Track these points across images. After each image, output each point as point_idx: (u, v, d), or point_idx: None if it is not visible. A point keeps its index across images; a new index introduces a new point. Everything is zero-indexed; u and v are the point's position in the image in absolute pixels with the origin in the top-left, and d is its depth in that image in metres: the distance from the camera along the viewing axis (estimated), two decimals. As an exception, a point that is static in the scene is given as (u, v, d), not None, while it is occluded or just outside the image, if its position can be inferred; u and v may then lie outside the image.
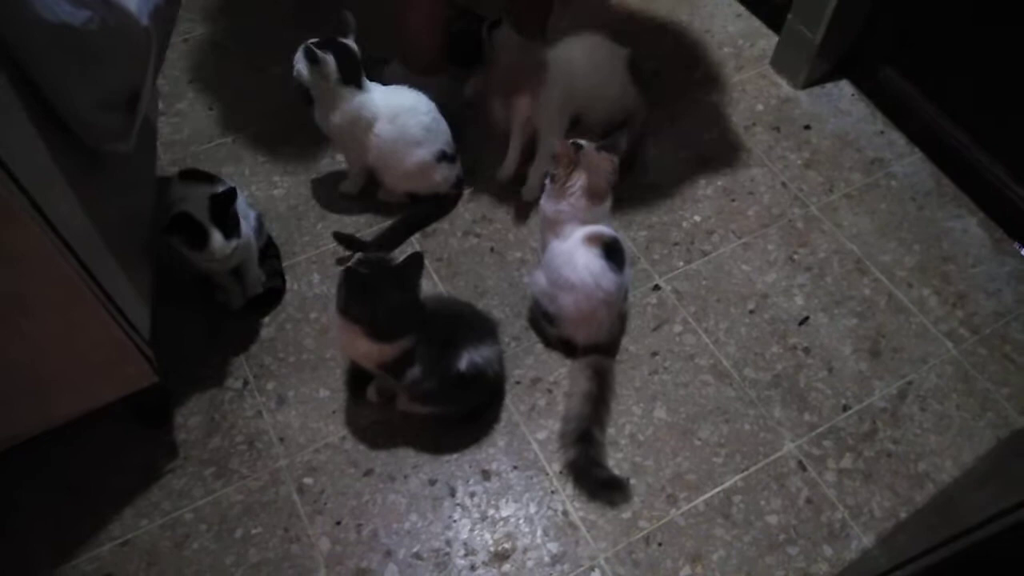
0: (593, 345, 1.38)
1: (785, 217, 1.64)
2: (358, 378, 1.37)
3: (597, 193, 1.33)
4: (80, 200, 1.05)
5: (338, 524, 1.23)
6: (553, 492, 1.27)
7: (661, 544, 1.23)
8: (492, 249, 1.56)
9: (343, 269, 1.18)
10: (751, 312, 1.50)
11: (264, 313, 1.46)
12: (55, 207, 0.95)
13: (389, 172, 1.54)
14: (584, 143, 1.35)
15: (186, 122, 1.74)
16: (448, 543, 1.22)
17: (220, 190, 1.27)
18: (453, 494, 1.27)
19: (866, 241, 1.60)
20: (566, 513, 1.25)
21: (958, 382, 1.42)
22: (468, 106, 1.70)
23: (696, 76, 1.89)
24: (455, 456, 1.31)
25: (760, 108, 1.83)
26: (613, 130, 1.40)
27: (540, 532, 1.23)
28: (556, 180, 1.33)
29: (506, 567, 1.20)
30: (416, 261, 1.19)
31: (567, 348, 1.41)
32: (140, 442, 1.30)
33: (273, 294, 1.47)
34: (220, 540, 1.21)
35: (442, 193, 1.59)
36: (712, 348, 1.44)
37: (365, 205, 1.61)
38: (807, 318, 1.49)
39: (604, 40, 1.58)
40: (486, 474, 1.29)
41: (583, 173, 1.32)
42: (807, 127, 1.79)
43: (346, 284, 1.18)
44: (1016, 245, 1.60)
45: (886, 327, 1.48)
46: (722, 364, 1.42)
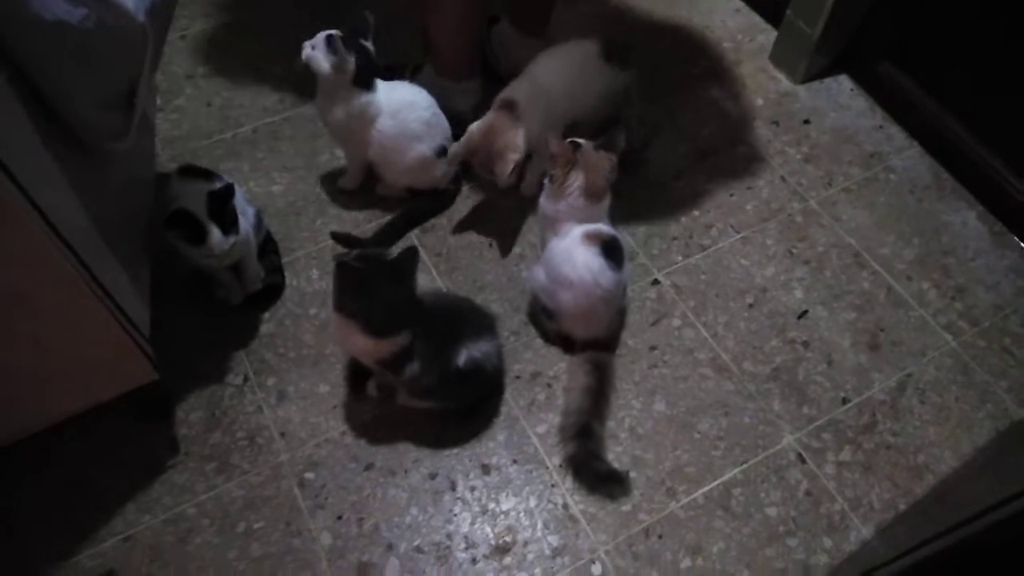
0: (592, 340, 1.38)
1: (784, 211, 1.64)
2: (358, 373, 1.37)
3: (596, 192, 1.33)
4: (78, 197, 1.05)
5: (339, 518, 1.24)
6: (553, 485, 1.28)
7: (661, 536, 1.23)
8: (491, 244, 1.56)
9: (336, 263, 1.17)
10: (750, 306, 1.50)
11: (264, 309, 1.46)
12: (53, 204, 0.95)
13: (389, 167, 1.54)
14: (582, 142, 1.34)
15: (185, 118, 1.74)
16: (449, 536, 1.23)
17: (218, 186, 1.27)
18: (454, 488, 1.27)
19: (865, 235, 1.60)
20: (566, 506, 1.26)
21: (957, 374, 1.42)
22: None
23: (695, 71, 1.89)
24: (455, 450, 1.31)
25: (759, 103, 1.83)
26: (610, 127, 1.39)
27: (540, 525, 1.24)
28: (554, 180, 1.33)
29: (507, 560, 1.21)
30: (411, 255, 1.18)
31: (566, 343, 1.42)
32: (141, 438, 1.30)
33: (272, 290, 1.47)
34: (222, 535, 1.22)
35: (441, 188, 1.59)
36: (711, 342, 1.45)
37: (364, 200, 1.61)
38: (806, 311, 1.49)
39: (570, 46, 1.53)
40: (486, 468, 1.30)
41: (581, 173, 1.32)
42: (806, 121, 1.80)
43: (339, 278, 1.18)
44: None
45: (885, 320, 1.49)
46: (721, 358, 1.43)
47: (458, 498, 1.26)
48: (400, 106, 1.47)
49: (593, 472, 1.27)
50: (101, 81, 1.06)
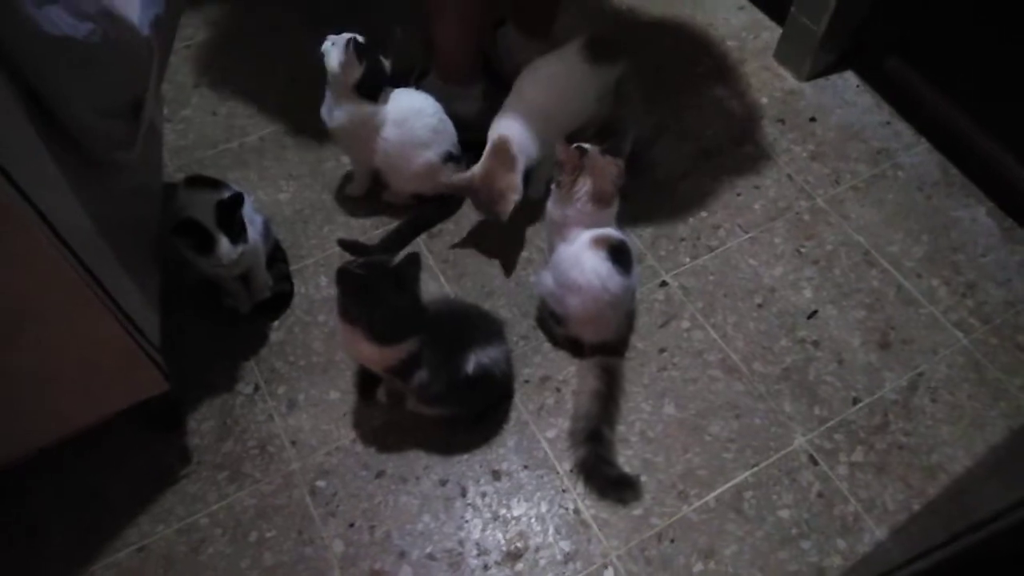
0: (601, 344, 1.38)
1: (792, 210, 1.63)
2: (367, 380, 1.37)
3: (603, 198, 1.32)
4: (86, 207, 1.06)
5: (351, 526, 1.24)
6: (564, 491, 1.28)
7: (673, 540, 1.23)
8: (498, 249, 1.56)
9: (338, 270, 1.17)
10: (759, 306, 1.49)
11: (273, 317, 1.46)
12: (60, 215, 0.95)
13: (395, 174, 1.54)
14: (588, 147, 1.34)
15: (191, 128, 1.75)
16: (461, 543, 1.23)
17: (226, 196, 1.28)
18: (464, 494, 1.27)
19: (874, 232, 1.59)
20: (577, 511, 1.26)
21: (969, 372, 1.41)
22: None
23: (699, 70, 1.88)
24: (465, 456, 1.31)
25: (764, 101, 1.82)
26: (616, 130, 1.38)
27: (552, 531, 1.24)
28: (562, 186, 1.33)
29: (519, 566, 1.20)
30: (413, 262, 1.18)
31: (575, 347, 1.41)
32: (153, 448, 1.31)
33: (281, 298, 1.47)
34: (235, 544, 1.22)
35: (448, 194, 1.59)
36: (720, 343, 1.44)
37: (371, 207, 1.62)
38: (815, 311, 1.48)
39: (552, 60, 1.50)
40: (497, 474, 1.29)
41: (588, 178, 1.31)
42: (812, 119, 1.79)
43: (341, 286, 1.18)
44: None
45: (895, 318, 1.48)
46: (731, 359, 1.42)
47: (469, 504, 1.26)
48: (407, 113, 1.47)
49: (604, 477, 1.27)
50: (107, 94, 1.06)
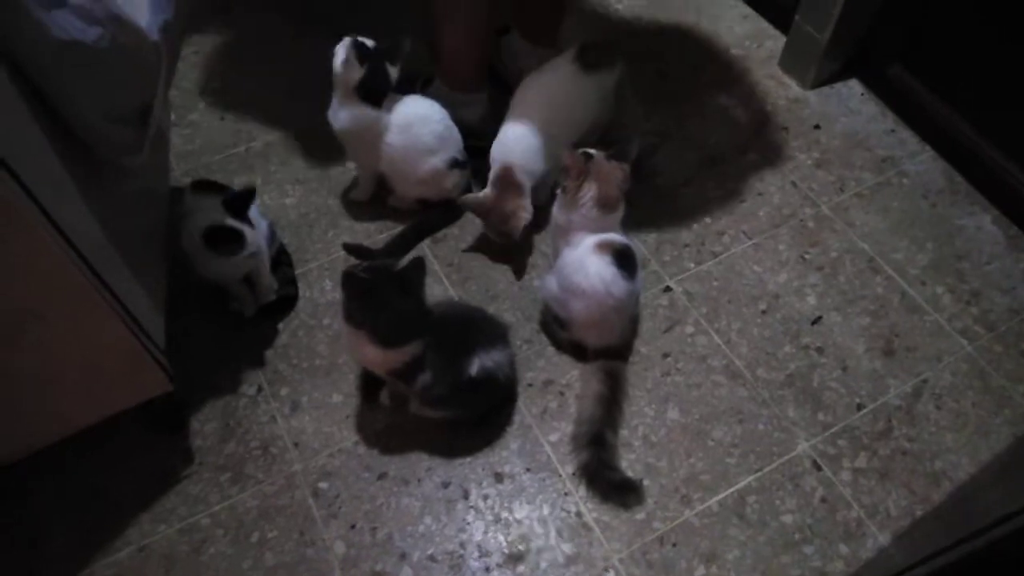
0: (605, 349, 1.38)
1: (796, 217, 1.63)
2: (371, 383, 1.38)
3: (609, 203, 1.33)
4: (93, 210, 1.07)
5: (353, 528, 1.24)
6: (566, 494, 1.27)
7: (676, 544, 1.22)
8: (503, 254, 1.57)
9: (342, 273, 1.17)
10: (763, 312, 1.49)
11: (277, 320, 1.47)
12: (67, 217, 0.96)
13: (401, 179, 1.55)
14: (594, 152, 1.34)
15: (198, 133, 1.77)
16: (462, 545, 1.23)
17: (238, 191, 1.29)
18: (467, 497, 1.27)
19: (878, 240, 1.59)
20: (580, 514, 1.25)
21: (974, 379, 1.40)
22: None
23: (704, 78, 1.89)
24: (468, 459, 1.31)
25: (769, 109, 1.83)
26: (621, 136, 1.39)
27: (554, 533, 1.23)
28: (567, 191, 1.33)
29: (520, 568, 1.20)
30: (417, 266, 1.19)
31: (578, 351, 1.41)
32: (156, 448, 1.31)
33: (286, 301, 1.48)
34: (236, 545, 1.22)
35: (452, 199, 1.60)
36: (724, 349, 1.44)
37: (375, 212, 1.62)
38: (820, 317, 1.48)
39: (546, 75, 1.50)
40: (499, 476, 1.29)
41: (594, 183, 1.31)
42: (817, 127, 1.79)
43: (346, 289, 1.19)
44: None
45: (900, 325, 1.47)
46: (735, 364, 1.42)
47: (471, 507, 1.26)
48: (413, 119, 1.48)
49: (606, 481, 1.26)
50: (115, 99, 1.07)
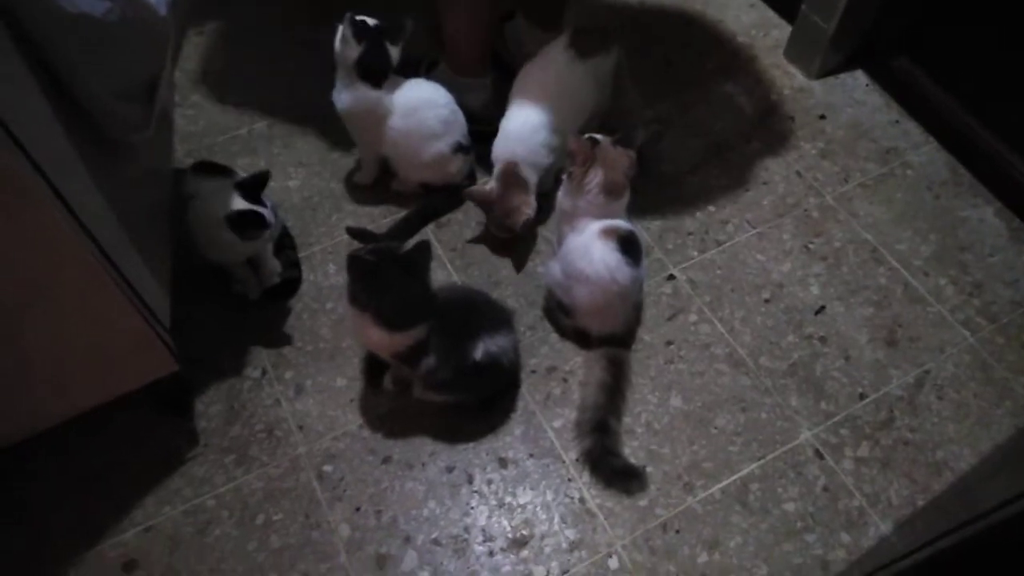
0: (608, 336, 1.38)
1: (800, 207, 1.63)
2: (375, 367, 1.38)
3: (615, 189, 1.32)
4: (100, 188, 1.06)
5: (357, 511, 1.24)
6: (570, 480, 1.28)
7: (678, 531, 1.23)
8: (507, 239, 1.56)
9: (348, 255, 1.17)
10: (766, 301, 1.49)
11: (281, 303, 1.46)
12: (75, 194, 0.96)
13: (404, 163, 1.55)
14: (600, 138, 1.34)
15: (201, 114, 1.75)
16: (466, 529, 1.23)
17: (239, 177, 1.29)
18: (471, 481, 1.28)
19: (882, 230, 1.60)
20: (583, 500, 1.26)
21: (976, 371, 1.41)
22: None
23: (709, 67, 1.89)
24: (472, 444, 1.31)
25: (774, 98, 1.82)
26: (627, 122, 1.39)
27: (557, 519, 1.24)
28: (573, 177, 1.33)
29: (524, 553, 1.21)
30: (424, 249, 1.19)
31: (582, 338, 1.42)
32: (161, 430, 1.31)
33: (289, 284, 1.48)
34: (242, 526, 1.22)
35: (456, 184, 1.59)
36: (727, 337, 1.44)
37: (379, 196, 1.62)
38: (823, 307, 1.49)
39: (540, 64, 1.49)
40: (503, 462, 1.30)
41: (600, 169, 1.31)
42: (822, 117, 1.79)
43: (351, 271, 1.18)
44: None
45: (902, 316, 1.48)
46: (738, 353, 1.43)
47: (475, 491, 1.27)
48: (418, 103, 1.47)
49: (610, 467, 1.27)
50: (123, 73, 1.07)
